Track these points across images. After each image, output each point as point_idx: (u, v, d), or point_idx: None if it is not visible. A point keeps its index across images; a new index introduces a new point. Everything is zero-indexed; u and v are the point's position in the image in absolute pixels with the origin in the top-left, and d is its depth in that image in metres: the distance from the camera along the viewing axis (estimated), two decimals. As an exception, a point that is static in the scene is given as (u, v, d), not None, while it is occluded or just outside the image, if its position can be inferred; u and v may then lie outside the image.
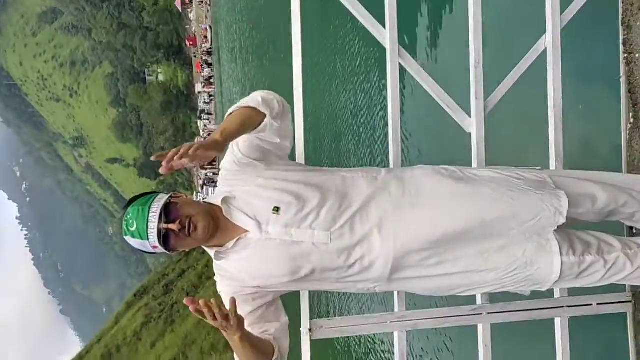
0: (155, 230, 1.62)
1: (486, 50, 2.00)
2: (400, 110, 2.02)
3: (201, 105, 63.27)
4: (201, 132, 63.63)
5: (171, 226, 1.63)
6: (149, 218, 1.62)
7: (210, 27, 54.53)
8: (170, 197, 1.70)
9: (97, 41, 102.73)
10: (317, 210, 1.67)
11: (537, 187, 1.73)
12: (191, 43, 67.71)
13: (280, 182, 1.72)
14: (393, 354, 1.96)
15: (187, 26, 72.63)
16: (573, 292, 2.12)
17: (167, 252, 1.70)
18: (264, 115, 1.68)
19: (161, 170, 1.40)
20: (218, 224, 1.72)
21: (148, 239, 1.62)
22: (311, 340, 1.93)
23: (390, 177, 1.76)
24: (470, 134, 2.07)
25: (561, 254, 1.67)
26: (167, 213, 1.65)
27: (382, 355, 7.02)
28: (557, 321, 2.10)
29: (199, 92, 64.46)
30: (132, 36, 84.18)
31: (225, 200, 1.74)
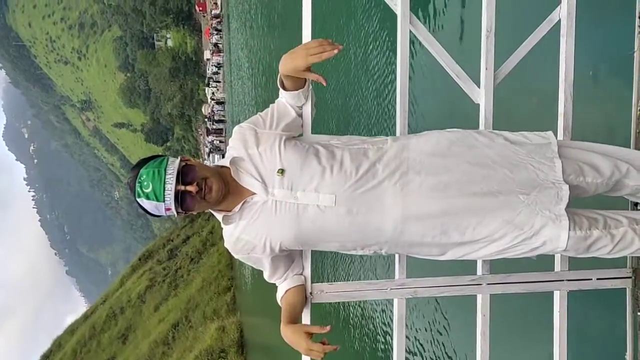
0: (172, 192, 1.63)
1: (499, 18, 1.97)
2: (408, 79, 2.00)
3: (209, 72, 62.87)
4: (209, 100, 63.42)
5: (189, 188, 1.64)
6: (166, 179, 1.63)
7: (221, -7, 53.76)
8: (186, 160, 1.72)
9: (106, 4, 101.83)
10: (321, 173, 1.68)
11: (540, 155, 1.73)
12: (201, 9, 66.94)
13: (289, 147, 1.72)
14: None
15: (197, -9, 71.66)
16: (573, 266, 2.13)
17: (177, 215, 1.72)
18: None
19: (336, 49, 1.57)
20: (228, 187, 1.74)
21: (164, 201, 1.64)
22: (312, 304, 1.95)
23: (397, 145, 1.76)
24: (478, 105, 2.05)
25: (568, 229, 1.68)
26: (183, 175, 1.66)
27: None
28: (557, 294, 2.11)
29: (208, 59, 63.98)
30: (142, 0, 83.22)
31: (233, 161, 1.75)
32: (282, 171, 1.69)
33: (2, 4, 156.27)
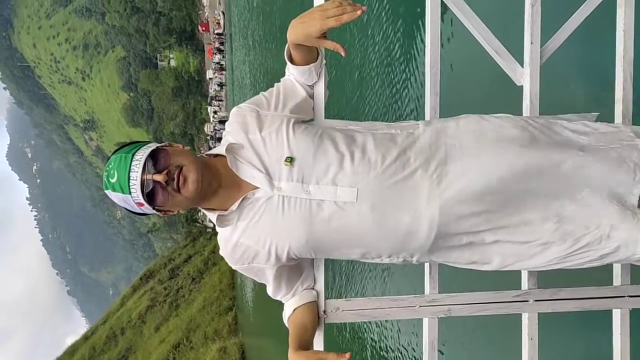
0: (138, 182, 1.30)
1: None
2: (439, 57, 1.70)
3: (212, 92, 62.99)
4: (211, 119, 63.52)
5: (156, 177, 1.31)
6: (131, 167, 1.31)
7: (223, 13, 54.07)
8: (162, 145, 1.39)
9: (110, 25, 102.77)
10: (339, 161, 1.35)
11: (611, 139, 1.41)
12: (203, 29, 67.32)
13: (298, 131, 1.40)
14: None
15: (200, 12, 72.30)
16: (636, 280, 1.79)
17: (155, 212, 1.39)
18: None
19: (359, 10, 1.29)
20: (220, 180, 1.41)
21: (130, 193, 1.32)
22: (325, 324, 1.61)
23: (431, 130, 1.44)
24: (522, 87, 1.74)
25: None
26: (154, 162, 1.34)
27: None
28: (617, 313, 1.78)
29: (210, 79, 64.20)
30: (145, 21, 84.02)
31: (230, 148, 1.42)
32: (290, 160, 1.36)
33: (8, 25, 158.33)
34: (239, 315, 29.65)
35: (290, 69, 1.51)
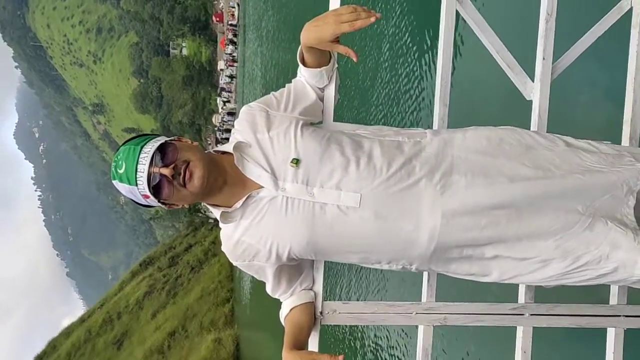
0: (145, 175, 1.32)
1: (561, 1, 1.67)
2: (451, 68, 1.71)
3: (222, 83, 63.03)
4: (220, 110, 63.56)
5: (163, 170, 1.33)
6: (139, 159, 1.32)
7: (238, 5, 54.04)
8: (171, 139, 1.41)
9: (125, 10, 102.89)
10: (345, 166, 1.37)
11: (612, 162, 1.42)
12: (217, 19, 67.34)
13: (306, 134, 1.41)
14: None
15: (215, 2, 72.30)
16: (632, 300, 1.80)
17: (160, 205, 1.41)
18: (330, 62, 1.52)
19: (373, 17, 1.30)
20: (226, 177, 1.42)
21: (137, 185, 1.33)
22: (321, 325, 1.63)
23: (438, 140, 1.45)
24: (531, 101, 1.74)
25: None
26: (162, 156, 1.36)
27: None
28: (611, 331, 1.79)
29: (221, 70, 64.23)
30: (160, 8, 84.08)
31: (238, 146, 1.42)
32: (296, 161, 1.38)
33: (23, 4, 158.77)
34: (236, 307, 29.74)
35: (302, 70, 1.52)
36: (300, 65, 1.51)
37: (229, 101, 60.39)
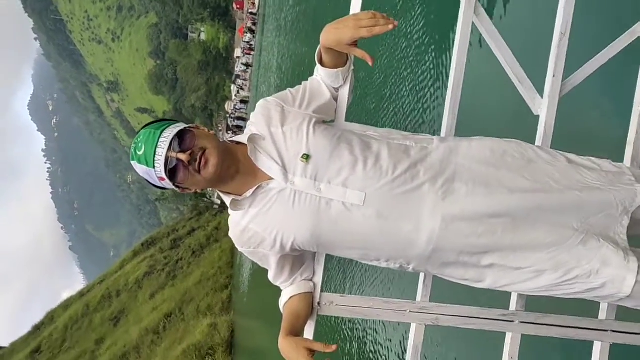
0: (163, 158, 1.39)
1: (575, 22, 1.71)
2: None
3: (237, 70, 63.07)
4: (233, 97, 63.66)
5: (180, 156, 1.39)
6: (158, 143, 1.39)
7: (260, -7, 54.01)
8: (190, 126, 1.48)
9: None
10: (352, 165, 1.43)
11: (612, 181, 1.47)
12: (238, 7, 67.27)
13: (318, 131, 1.47)
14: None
15: (237, -11, 72.23)
16: (620, 316, 1.85)
17: (175, 188, 1.48)
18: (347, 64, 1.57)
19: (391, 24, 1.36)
20: (238, 166, 1.49)
21: (154, 167, 1.40)
22: (318, 315, 1.69)
23: (444, 147, 1.50)
24: (538, 116, 1.79)
25: (637, 272, 1.39)
26: (180, 141, 1.43)
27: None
28: (597, 345, 1.84)
29: (238, 57, 64.24)
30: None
31: (252, 138, 1.48)
32: (306, 157, 1.44)
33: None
34: (234, 294, 29.87)
35: (319, 70, 1.58)
36: (318, 64, 1.57)
37: (242, 89, 60.46)
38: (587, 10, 1.90)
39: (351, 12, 1.68)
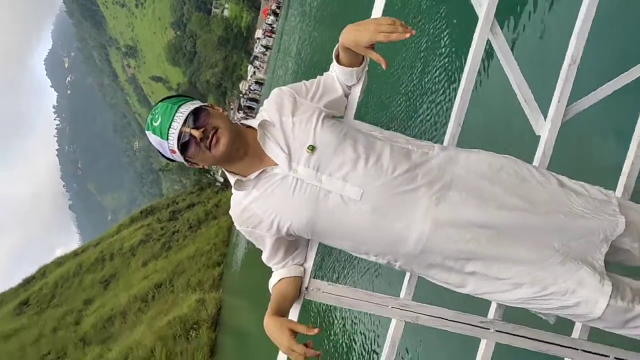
0: (177, 132, 1.46)
1: (587, 48, 1.77)
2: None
3: (256, 51, 62.98)
4: (248, 77, 63.57)
5: (194, 132, 1.45)
6: (174, 117, 1.47)
7: (288, -22, 53.83)
8: (205, 105, 1.55)
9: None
10: (354, 161, 1.50)
11: (597, 209, 1.53)
12: (265, -12, 67.04)
13: (326, 125, 1.54)
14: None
15: (266, -30, 71.94)
16: (592, 338, 1.92)
17: (184, 162, 1.55)
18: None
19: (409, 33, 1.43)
20: (247, 149, 1.56)
21: (167, 140, 1.48)
22: (304, 300, 1.77)
23: (444, 155, 1.57)
24: (539, 137, 1.86)
25: (609, 296, 1.47)
26: (195, 118, 1.50)
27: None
28: (567, 362, 1.91)
29: (258, 38, 64.13)
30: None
31: (262, 124, 1.55)
32: (312, 148, 1.51)
33: None
34: (225, 272, 30.06)
35: (334, 66, 1.65)
36: (335, 61, 1.63)
37: (259, 70, 60.40)
38: (601, 38, 1.95)
39: (372, 16, 1.75)
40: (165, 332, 23.30)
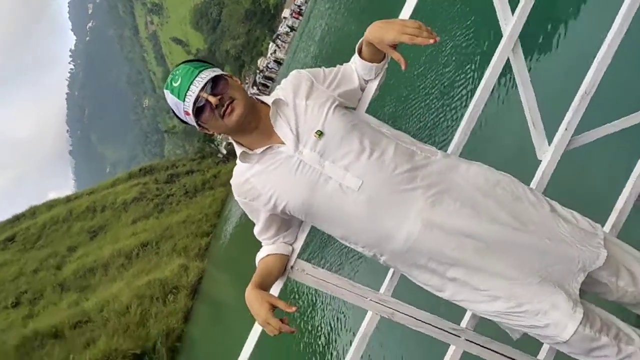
0: (194, 96, 1.50)
1: (603, 79, 1.80)
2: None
3: (280, 30, 62.73)
4: (268, 55, 63.34)
5: (210, 98, 1.50)
6: (194, 81, 1.50)
7: (325, -38, 53.46)
8: (225, 74, 1.59)
9: None
10: (358, 153, 1.54)
11: (582, 239, 1.58)
12: (300, -32, 66.59)
13: (337, 113, 1.58)
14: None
15: (304, -49, 71.40)
16: (558, 361, 1.98)
17: (196, 125, 1.59)
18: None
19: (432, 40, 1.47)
20: (258, 123, 1.60)
21: (184, 101, 1.52)
22: (287, 278, 1.82)
23: (446, 162, 1.61)
24: (540, 161, 1.89)
25: (579, 323, 1.52)
26: (213, 85, 1.54)
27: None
28: (529, 382, 1.97)
29: (284, 18, 63.85)
30: None
31: (276, 102, 1.61)
32: (320, 133, 1.55)
33: None
34: (213, 243, 30.18)
35: (355, 59, 1.68)
36: (357, 54, 1.67)
37: (280, 49, 60.17)
38: (618, 71, 1.98)
39: (401, 16, 1.78)
40: (144, 291, 23.51)
